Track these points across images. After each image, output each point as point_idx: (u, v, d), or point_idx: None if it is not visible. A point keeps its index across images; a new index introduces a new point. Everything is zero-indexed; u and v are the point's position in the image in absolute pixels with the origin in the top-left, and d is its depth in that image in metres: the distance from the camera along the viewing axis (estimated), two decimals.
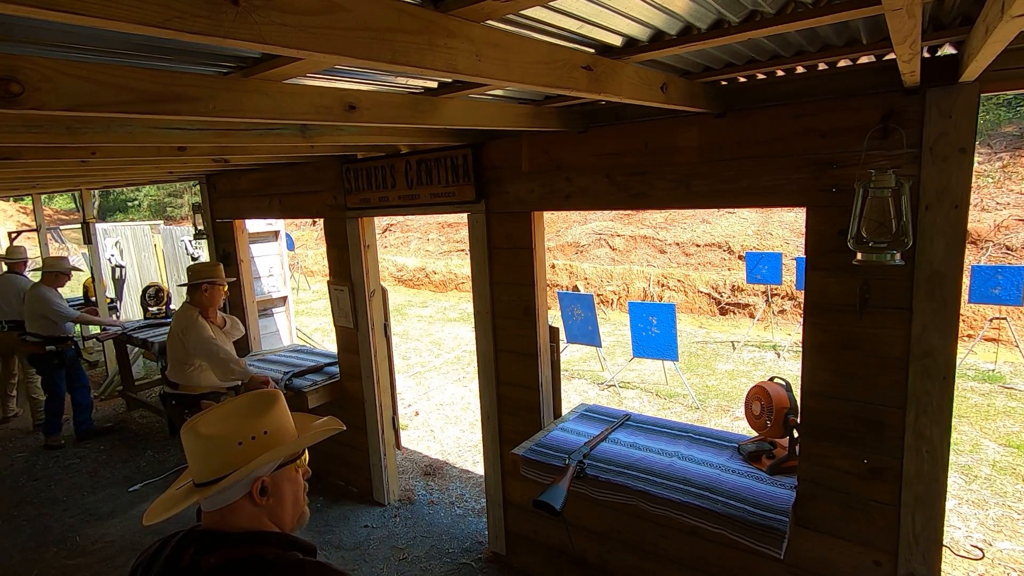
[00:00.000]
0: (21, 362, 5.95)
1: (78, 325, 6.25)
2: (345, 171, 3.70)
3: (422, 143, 3.05)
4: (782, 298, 9.16)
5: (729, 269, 10.04)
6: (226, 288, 3.70)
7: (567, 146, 2.73)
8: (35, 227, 8.46)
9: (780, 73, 2.11)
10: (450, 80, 1.89)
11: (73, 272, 5.56)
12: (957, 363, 1.94)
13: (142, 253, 8.65)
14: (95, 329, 5.84)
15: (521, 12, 1.26)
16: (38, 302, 5.16)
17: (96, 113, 1.21)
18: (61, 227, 17.01)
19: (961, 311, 1.97)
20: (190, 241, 7.21)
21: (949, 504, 3.85)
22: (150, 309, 6.52)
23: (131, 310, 8.43)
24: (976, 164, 4.70)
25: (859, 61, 1.99)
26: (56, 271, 5.36)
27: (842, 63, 2.00)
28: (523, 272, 3.01)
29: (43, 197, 11.31)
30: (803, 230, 2.19)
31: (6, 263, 6.19)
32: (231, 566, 1.06)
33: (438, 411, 6.26)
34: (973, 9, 1.48)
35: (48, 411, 5.43)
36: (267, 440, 1.14)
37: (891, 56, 1.87)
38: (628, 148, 2.54)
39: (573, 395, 6.59)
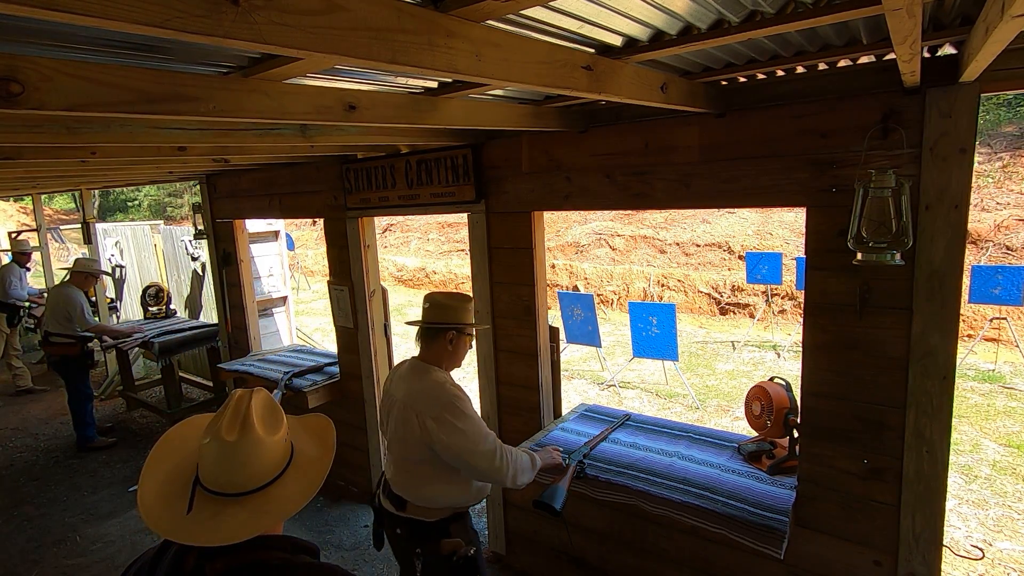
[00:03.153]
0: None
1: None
2: (345, 171, 3.70)
3: (422, 143, 3.05)
4: (782, 298, 9.16)
5: (729, 269, 10.04)
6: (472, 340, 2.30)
7: (567, 146, 2.73)
8: (35, 227, 8.46)
9: (780, 73, 2.11)
10: (450, 80, 1.89)
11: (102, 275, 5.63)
12: (957, 363, 1.94)
13: (142, 253, 8.64)
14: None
15: (521, 12, 1.26)
16: (66, 302, 5.13)
17: (96, 113, 1.21)
18: (61, 227, 17.00)
19: (961, 311, 1.97)
20: (190, 241, 7.21)
21: (949, 504, 3.85)
22: (150, 309, 6.52)
23: (131, 310, 8.42)
24: (976, 164, 4.70)
25: (859, 61, 1.99)
26: (86, 272, 5.36)
27: (842, 63, 2.00)
28: (523, 272, 3.01)
29: (43, 197, 11.31)
30: (803, 230, 2.19)
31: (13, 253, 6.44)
32: (236, 572, 1.04)
33: None
34: (973, 9, 1.48)
35: (86, 412, 5.29)
36: (288, 437, 1.14)
37: (891, 56, 1.87)
38: (628, 148, 2.54)
39: (573, 395, 6.59)
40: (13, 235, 9.68)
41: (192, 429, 1.18)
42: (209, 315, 7.02)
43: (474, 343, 2.49)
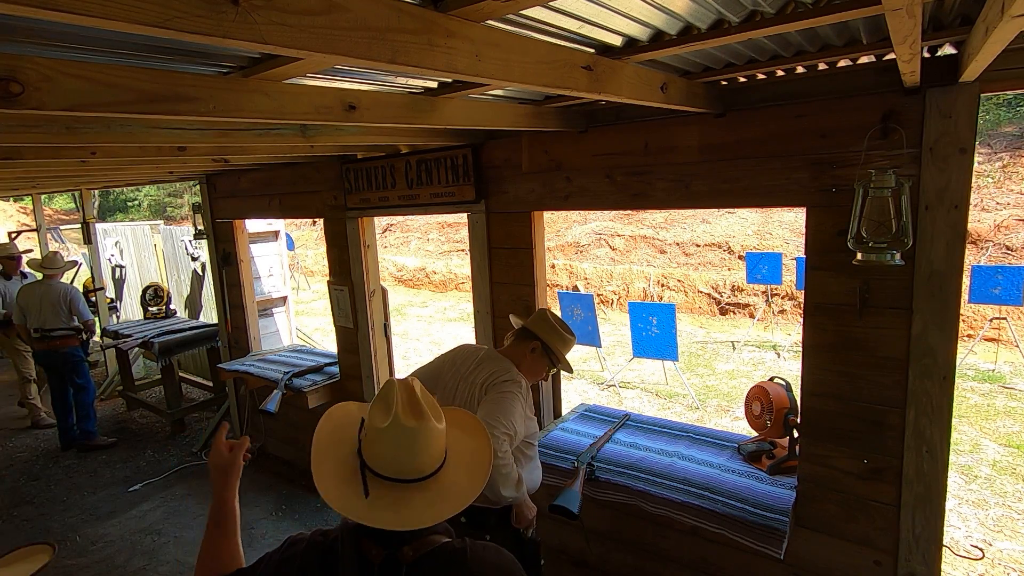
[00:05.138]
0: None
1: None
2: (345, 171, 3.70)
3: (422, 143, 3.04)
4: (782, 298, 9.16)
5: (729, 269, 10.04)
6: (552, 371, 2.32)
7: (567, 146, 2.73)
8: (35, 227, 8.46)
9: (780, 73, 2.11)
10: (450, 80, 1.89)
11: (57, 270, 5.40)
12: (957, 363, 1.94)
13: (142, 253, 8.64)
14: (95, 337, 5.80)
15: (521, 12, 1.26)
16: (67, 296, 5.15)
17: (96, 113, 1.21)
18: (61, 227, 17.01)
19: (961, 311, 1.97)
20: (190, 241, 7.21)
21: (949, 504, 3.85)
22: (150, 309, 6.52)
23: (131, 310, 8.43)
24: (976, 164, 4.70)
25: (859, 61, 1.99)
26: (64, 269, 5.34)
27: (842, 63, 2.00)
28: (523, 272, 3.01)
29: (43, 197, 11.31)
30: (803, 230, 2.19)
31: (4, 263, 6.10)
32: (430, 557, 1.06)
33: None
34: (973, 9, 1.48)
35: (90, 405, 5.31)
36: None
37: (891, 56, 1.87)
38: (628, 148, 2.54)
39: (573, 395, 6.59)
40: (13, 235, 9.67)
41: (346, 416, 1.19)
42: (209, 315, 7.01)
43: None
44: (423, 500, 1.06)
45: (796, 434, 2.35)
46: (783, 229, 10.04)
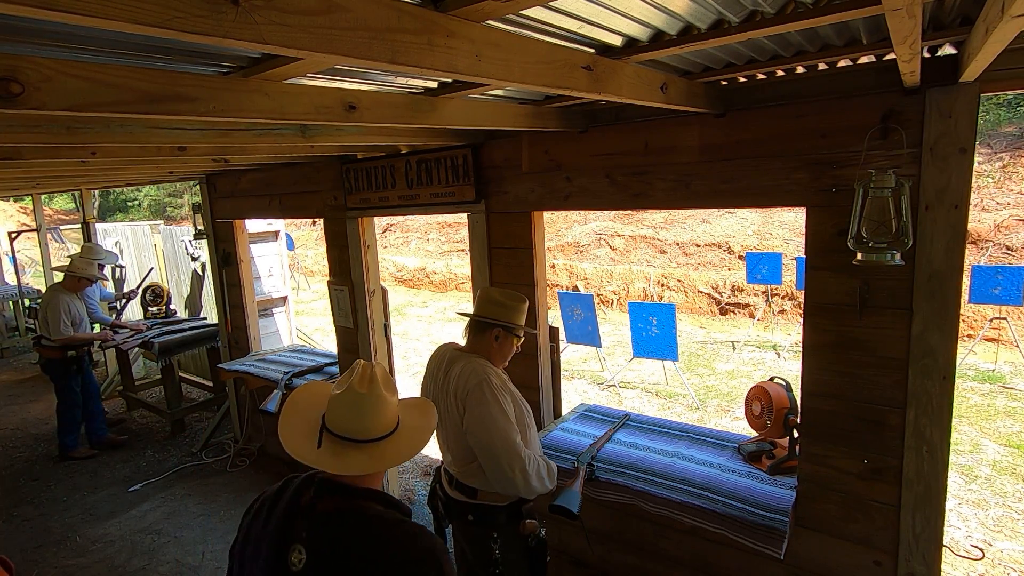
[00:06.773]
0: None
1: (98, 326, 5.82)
2: (345, 171, 3.70)
3: (422, 143, 3.04)
4: (782, 298, 9.16)
5: (729, 269, 10.04)
6: (520, 341, 2.26)
7: (567, 146, 2.73)
8: (35, 227, 8.46)
9: (780, 73, 2.11)
10: (450, 80, 1.89)
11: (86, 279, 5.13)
12: (957, 363, 1.94)
13: (142, 253, 8.64)
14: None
15: (521, 12, 1.26)
16: (48, 308, 4.98)
17: (96, 113, 1.21)
18: (61, 227, 16.98)
19: (961, 311, 1.97)
20: (190, 241, 7.21)
21: (949, 504, 3.85)
22: (150, 309, 6.52)
23: (131, 310, 8.42)
24: (976, 164, 4.70)
25: (859, 61, 1.99)
26: (79, 276, 5.09)
27: (842, 63, 2.00)
28: (523, 272, 3.01)
29: (43, 197, 11.31)
30: (803, 230, 2.19)
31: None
32: (340, 514, 1.22)
33: None
34: (973, 9, 1.48)
35: (67, 420, 5.13)
36: (398, 407, 1.34)
37: (891, 56, 1.87)
38: (628, 148, 2.54)
39: (573, 395, 6.58)
40: (13, 235, 9.65)
41: (311, 394, 1.41)
42: (209, 315, 7.01)
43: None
44: (361, 456, 1.25)
45: (796, 434, 2.35)
46: (783, 229, 10.04)
